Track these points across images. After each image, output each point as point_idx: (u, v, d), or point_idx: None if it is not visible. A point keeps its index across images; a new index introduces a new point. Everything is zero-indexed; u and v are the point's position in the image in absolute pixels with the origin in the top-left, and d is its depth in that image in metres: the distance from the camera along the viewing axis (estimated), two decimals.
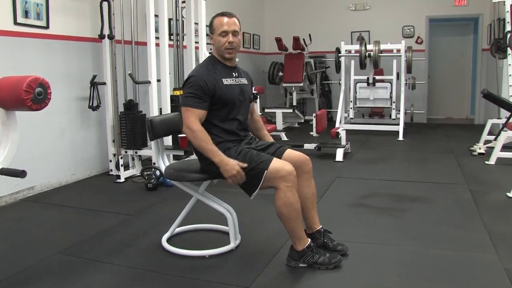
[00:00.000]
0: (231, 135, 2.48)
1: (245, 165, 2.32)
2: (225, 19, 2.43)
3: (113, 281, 2.29)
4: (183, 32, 5.06)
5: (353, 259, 2.48)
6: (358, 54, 7.13)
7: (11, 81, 2.09)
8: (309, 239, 2.41)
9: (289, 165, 2.31)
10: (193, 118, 2.35)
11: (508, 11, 5.69)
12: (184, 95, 2.42)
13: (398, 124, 7.00)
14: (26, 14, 3.80)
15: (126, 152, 4.55)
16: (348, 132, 5.89)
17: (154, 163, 4.32)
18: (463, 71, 9.27)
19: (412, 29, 8.71)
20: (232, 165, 2.30)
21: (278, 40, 8.38)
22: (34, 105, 2.05)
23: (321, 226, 2.58)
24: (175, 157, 4.44)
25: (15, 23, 3.71)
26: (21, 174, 2.01)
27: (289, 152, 2.52)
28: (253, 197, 2.38)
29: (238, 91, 2.51)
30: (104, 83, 4.43)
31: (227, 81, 2.46)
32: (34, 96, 2.04)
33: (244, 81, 2.59)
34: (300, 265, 2.38)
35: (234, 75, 2.53)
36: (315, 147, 5.53)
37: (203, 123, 2.40)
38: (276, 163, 2.30)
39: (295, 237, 2.36)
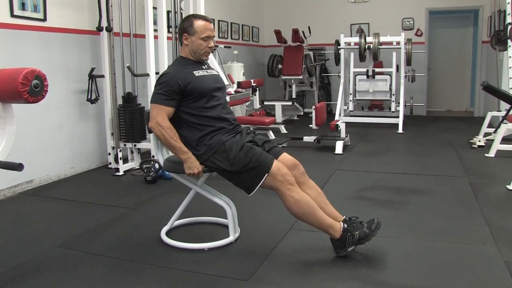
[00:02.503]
0: (220, 121, 2.50)
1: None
2: (208, 24, 2.52)
3: (112, 274, 2.29)
4: None
5: (352, 252, 2.46)
6: (357, 47, 7.10)
7: (8, 73, 2.07)
8: (341, 222, 2.41)
9: (285, 168, 2.35)
10: (163, 115, 2.41)
11: (508, 3, 5.67)
12: (154, 92, 2.47)
13: (397, 117, 6.99)
14: (23, 6, 3.76)
15: (125, 145, 4.54)
16: (348, 124, 5.88)
17: (153, 156, 4.31)
18: (463, 64, 9.23)
19: (411, 21, 8.66)
20: (196, 165, 2.41)
21: (277, 33, 8.33)
22: (30, 97, 2.04)
23: (345, 216, 2.52)
24: None
25: (12, 15, 3.68)
26: (18, 167, 1.99)
27: (283, 156, 2.52)
28: (251, 195, 2.39)
29: (212, 80, 2.57)
30: (103, 76, 4.40)
31: (198, 73, 2.52)
32: (30, 88, 2.02)
33: (214, 72, 2.66)
34: (349, 249, 2.38)
35: (204, 68, 2.60)
36: (314, 140, 5.52)
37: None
38: (276, 167, 2.33)
39: (325, 227, 2.37)
